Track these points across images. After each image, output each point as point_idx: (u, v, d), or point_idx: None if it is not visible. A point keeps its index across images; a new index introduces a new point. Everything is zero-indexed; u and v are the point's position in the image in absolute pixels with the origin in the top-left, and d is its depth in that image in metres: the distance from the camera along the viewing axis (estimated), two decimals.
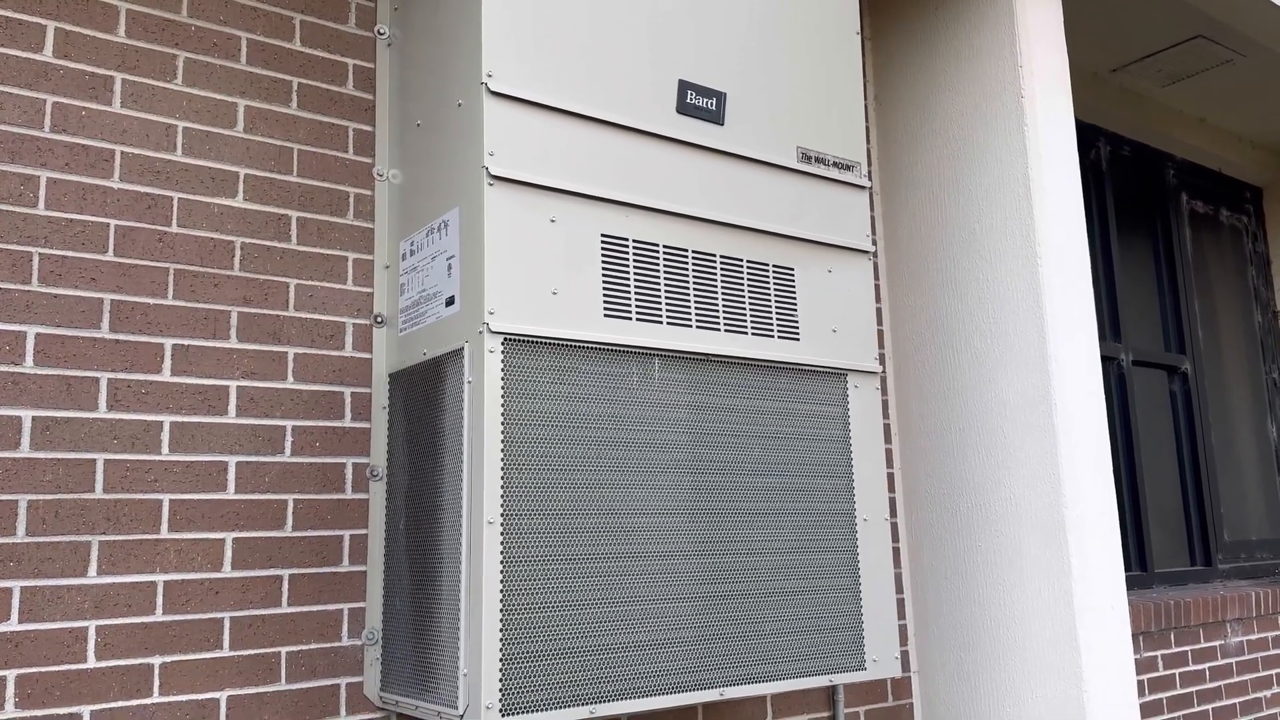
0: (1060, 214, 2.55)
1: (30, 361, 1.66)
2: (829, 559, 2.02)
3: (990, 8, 2.64)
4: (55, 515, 1.64)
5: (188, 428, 1.77)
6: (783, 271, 2.06)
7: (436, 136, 1.88)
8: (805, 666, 1.94)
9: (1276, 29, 3.25)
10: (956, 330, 2.65)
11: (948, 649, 2.61)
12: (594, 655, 1.69)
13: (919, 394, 2.73)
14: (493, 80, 1.73)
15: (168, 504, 1.74)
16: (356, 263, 2.00)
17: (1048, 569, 2.41)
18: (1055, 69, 2.64)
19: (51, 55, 1.74)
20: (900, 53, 2.86)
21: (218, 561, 1.77)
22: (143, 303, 1.77)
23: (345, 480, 1.92)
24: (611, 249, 1.83)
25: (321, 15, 2.04)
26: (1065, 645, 2.36)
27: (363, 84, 2.06)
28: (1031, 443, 2.47)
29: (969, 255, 2.64)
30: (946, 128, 2.72)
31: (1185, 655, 3.21)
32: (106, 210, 1.76)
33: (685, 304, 1.90)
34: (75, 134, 1.75)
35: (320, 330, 1.94)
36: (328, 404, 1.92)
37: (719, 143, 1.99)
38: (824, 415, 2.06)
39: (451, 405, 1.73)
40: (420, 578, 1.77)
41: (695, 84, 1.98)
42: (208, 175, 1.86)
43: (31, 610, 1.60)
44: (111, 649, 1.66)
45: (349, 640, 1.88)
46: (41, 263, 1.69)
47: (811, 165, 2.13)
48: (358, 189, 2.02)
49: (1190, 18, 3.28)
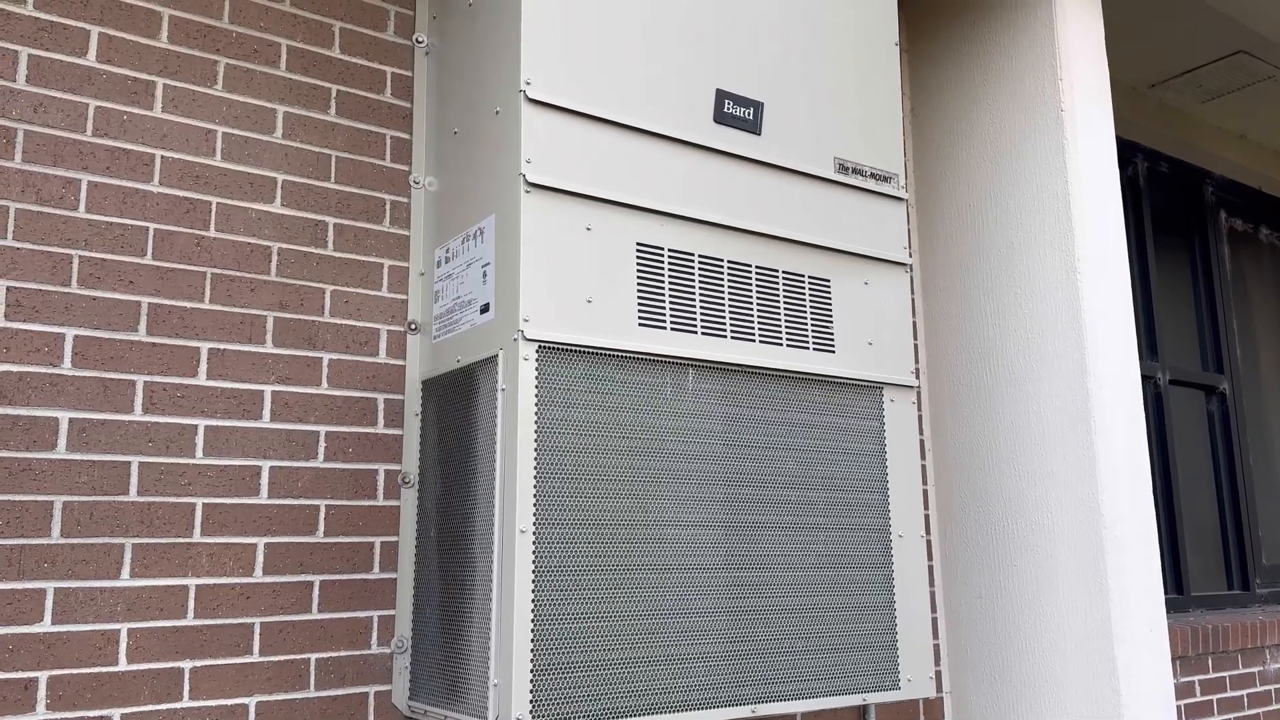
0: (1100, 229, 2.52)
1: (68, 363, 1.66)
2: (863, 575, 1.98)
3: (1030, 21, 2.62)
4: (90, 517, 1.64)
5: (222, 431, 1.77)
6: (818, 283, 2.04)
7: (473, 144, 1.87)
8: (838, 685, 1.91)
9: None
10: (993, 345, 2.62)
11: (982, 670, 2.56)
12: (626, 668, 1.66)
13: (954, 409, 2.70)
14: (531, 88, 1.73)
15: (201, 508, 1.74)
16: (392, 269, 2.00)
17: (1085, 591, 2.36)
18: (1095, 83, 2.61)
19: (95, 60, 1.76)
20: (938, 65, 2.84)
21: (249, 566, 1.77)
22: (180, 306, 1.77)
23: (377, 487, 1.91)
24: (647, 258, 1.81)
25: (361, 23, 2.04)
26: (1103, 669, 2.32)
27: (401, 91, 2.07)
28: (1070, 461, 2.43)
29: (1007, 269, 2.61)
30: (985, 141, 2.69)
31: (1224, 681, 3.14)
32: (146, 214, 1.76)
33: (720, 314, 1.88)
34: (117, 138, 1.76)
35: (355, 336, 1.94)
36: (361, 410, 1.92)
37: (756, 152, 1.98)
38: (859, 429, 2.04)
39: (485, 413, 1.72)
40: (451, 586, 1.76)
41: (733, 93, 1.97)
42: (246, 180, 1.87)
43: (64, 612, 1.61)
44: (143, 652, 1.65)
45: (378, 648, 1.87)
46: (81, 265, 1.70)
47: (848, 176, 2.11)
48: (394, 196, 2.03)
49: (1232, 33, 3.24)
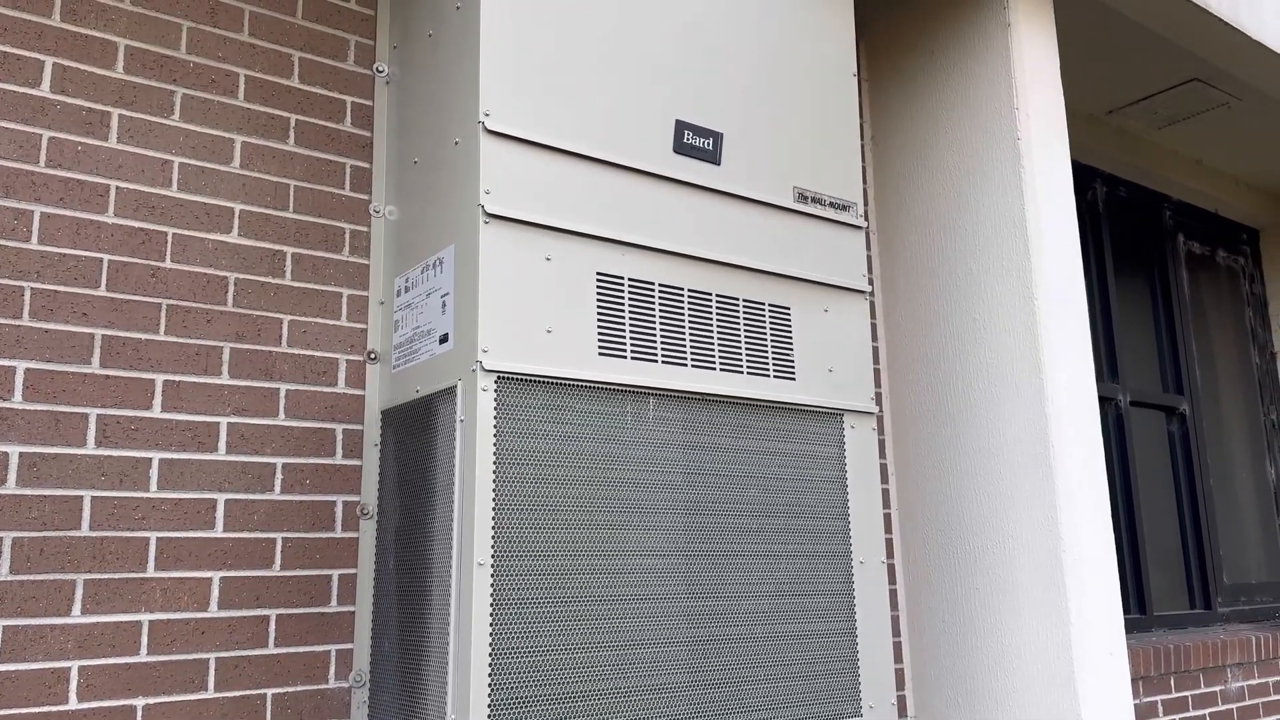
0: (1057, 255, 2.55)
1: (19, 396, 1.64)
2: (824, 602, 1.99)
3: (986, 50, 2.66)
4: (40, 553, 1.62)
5: (177, 464, 1.76)
6: (779, 311, 2.05)
7: (433, 174, 1.88)
8: (800, 713, 1.91)
9: (1272, 73, 3.28)
10: (954, 370, 2.64)
11: (945, 693, 2.57)
12: (584, 701, 1.66)
13: (916, 434, 2.72)
14: (490, 119, 1.73)
15: (155, 542, 1.72)
16: (351, 299, 1.99)
17: (1046, 612, 2.38)
18: (1051, 111, 2.65)
19: (49, 90, 1.75)
20: (897, 94, 2.88)
21: (204, 601, 1.74)
22: (134, 338, 1.75)
23: (335, 519, 1.90)
24: (607, 288, 1.82)
25: (320, 53, 2.04)
26: (1064, 690, 2.33)
27: (361, 121, 2.07)
28: (1029, 484, 2.45)
29: (966, 296, 2.64)
30: (943, 168, 2.73)
31: (1185, 700, 3.16)
32: (100, 245, 1.75)
33: (680, 343, 1.89)
34: (70, 169, 1.74)
35: (313, 366, 1.93)
36: (319, 441, 1.90)
37: (716, 182, 1.99)
38: (820, 456, 2.05)
39: (444, 443, 1.71)
40: (409, 619, 1.75)
41: (692, 124, 1.98)
42: (203, 211, 1.86)
43: (13, 650, 1.58)
44: (94, 690, 1.63)
45: (336, 682, 1.85)
46: (33, 297, 1.68)
47: (808, 205, 2.13)
48: (354, 225, 2.02)
49: (1186, 62, 3.30)
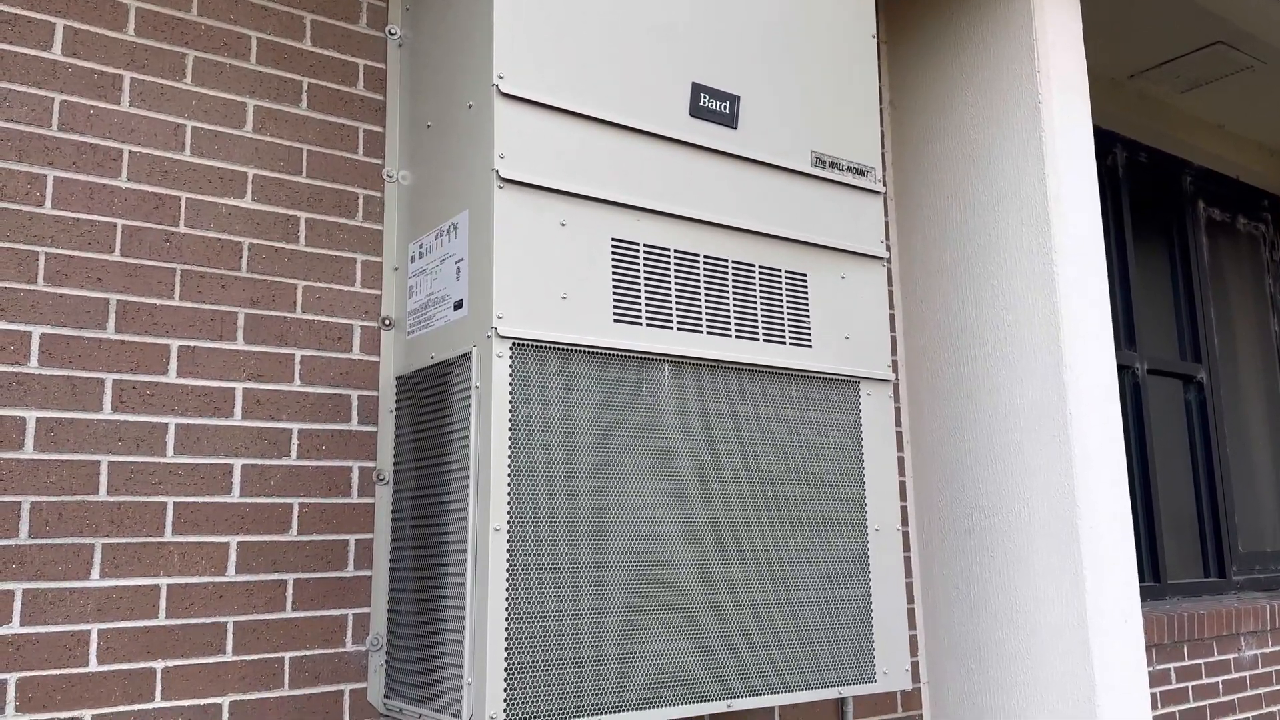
0: (1077, 221, 2.52)
1: (35, 362, 1.64)
2: (839, 569, 1.99)
3: (1008, 12, 2.61)
4: (59, 517, 1.63)
5: (193, 430, 1.76)
6: (795, 277, 2.03)
7: (447, 138, 1.86)
8: (814, 678, 1.91)
9: None
10: (971, 337, 2.62)
11: (959, 661, 2.57)
12: (600, 665, 1.66)
13: (932, 401, 2.70)
14: (504, 82, 1.71)
15: (172, 507, 1.72)
16: (365, 265, 1.98)
17: (1061, 580, 2.37)
18: (1073, 74, 2.61)
19: (60, 53, 1.73)
20: (916, 57, 2.83)
21: (221, 565, 1.75)
22: (149, 303, 1.75)
23: (351, 484, 1.90)
24: (622, 253, 1.80)
25: (332, 15, 2.02)
26: (1078, 657, 2.33)
27: (373, 84, 2.05)
28: (1045, 452, 2.44)
29: (984, 261, 2.61)
30: (962, 133, 2.69)
31: (1199, 668, 3.17)
32: (114, 210, 1.74)
33: (696, 309, 1.88)
34: (83, 133, 1.73)
35: (327, 332, 1.92)
36: (334, 407, 1.90)
37: (732, 146, 1.97)
38: (836, 423, 2.04)
39: (459, 410, 1.71)
40: (425, 584, 1.75)
41: (709, 87, 1.96)
42: (216, 175, 1.85)
43: (33, 613, 1.59)
44: (113, 653, 1.64)
45: (353, 646, 1.86)
46: (47, 262, 1.67)
47: (825, 170, 2.10)
48: (367, 190, 2.01)
49: (1210, 24, 3.24)
